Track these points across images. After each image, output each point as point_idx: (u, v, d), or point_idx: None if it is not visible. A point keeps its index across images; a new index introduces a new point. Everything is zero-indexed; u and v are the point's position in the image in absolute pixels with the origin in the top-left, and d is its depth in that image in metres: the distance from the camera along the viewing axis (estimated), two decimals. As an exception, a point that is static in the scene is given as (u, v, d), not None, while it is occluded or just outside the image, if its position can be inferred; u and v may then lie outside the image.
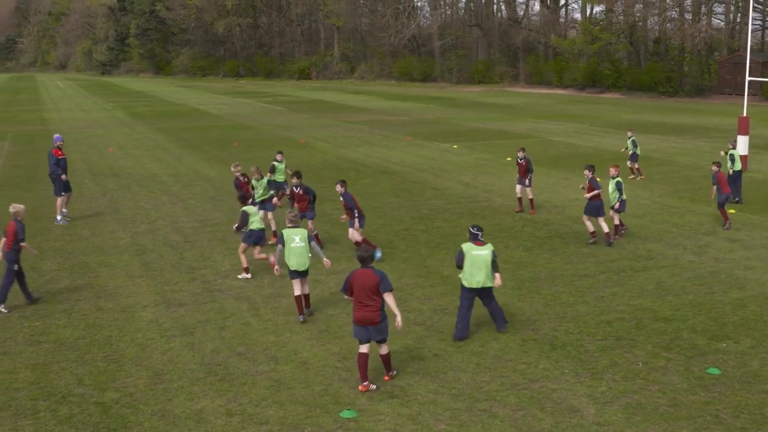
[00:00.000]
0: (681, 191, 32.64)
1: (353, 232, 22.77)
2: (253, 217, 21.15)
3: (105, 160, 44.30)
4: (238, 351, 15.99)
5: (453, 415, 13.08)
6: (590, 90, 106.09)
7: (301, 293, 17.87)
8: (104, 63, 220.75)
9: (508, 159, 41.53)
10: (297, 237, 17.66)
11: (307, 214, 23.83)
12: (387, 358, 14.53)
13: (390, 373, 14.56)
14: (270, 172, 28.16)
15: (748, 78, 39.72)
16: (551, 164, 40.40)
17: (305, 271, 17.86)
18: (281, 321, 17.72)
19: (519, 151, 29.19)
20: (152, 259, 23.07)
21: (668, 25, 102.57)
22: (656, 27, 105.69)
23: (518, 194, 29.26)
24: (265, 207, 24.96)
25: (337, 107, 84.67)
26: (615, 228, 24.85)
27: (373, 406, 13.44)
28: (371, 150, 47.43)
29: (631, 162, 36.34)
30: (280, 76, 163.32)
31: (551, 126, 61.53)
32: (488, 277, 16.43)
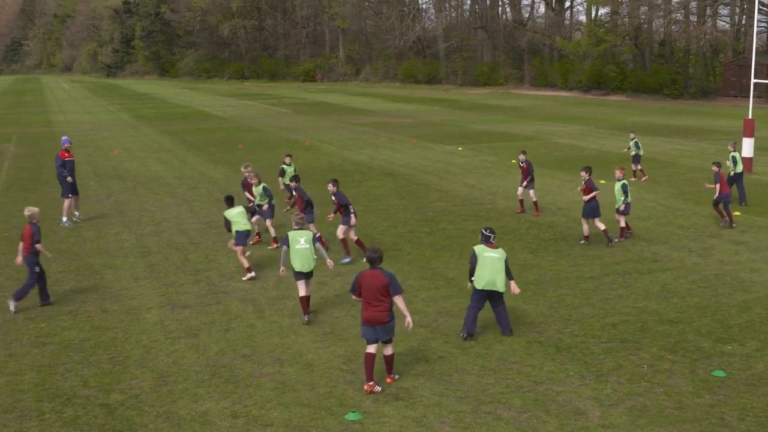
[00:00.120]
0: (686, 193, 32.60)
1: (345, 230, 22.88)
2: (235, 218, 21.36)
3: (110, 162, 44.35)
4: (243, 353, 16.00)
5: (458, 418, 13.08)
6: (595, 92, 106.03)
7: (305, 293, 17.93)
8: (109, 65, 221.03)
9: (513, 161, 41.50)
10: (302, 239, 17.79)
11: (306, 218, 23.87)
12: (391, 360, 14.53)
13: (392, 376, 14.57)
14: (279, 176, 28.33)
15: (754, 80, 39.68)
16: (556, 166, 40.36)
17: (310, 273, 17.94)
18: (286, 323, 17.72)
19: (520, 154, 29.23)
20: (157, 261, 23.09)
21: (673, 27, 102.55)
22: (661, 29, 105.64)
23: (519, 196, 29.39)
24: (262, 213, 24.88)
25: (342, 109, 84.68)
26: (621, 230, 24.84)
27: (378, 408, 13.44)
28: (376, 152, 47.43)
29: (634, 164, 36.35)
30: (285, 78, 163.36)
31: (556, 128, 61.49)
32: (499, 280, 16.47)
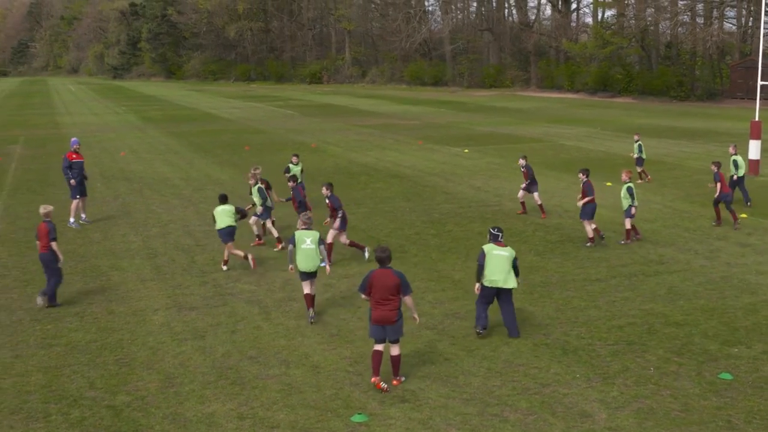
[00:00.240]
0: (692, 195, 32.54)
1: (335, 234, 22.96)
2: (219, 216, 22.09)
3: (117, 164, 44.41)
4: (250, 355, 16.01)
5: (464, 420, 13.07)
6: (601, 94, 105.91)
7: (310, 291, 18.10)
8: (116, 67, 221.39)
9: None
10: (308, 239, 17.93)
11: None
12: (397, 361, 14.55)
13: (399, 378, 14.57)
14: (285, 173, 28.46)
15: (760, 82, 39.58)
16: (562, 168, 40.32)
17: (314, 273, 18.05)
18: (292, 325, 17.73)
19: (520, 159, 29.34)
20: (163, 263, 23.11)
21: (680, 29, 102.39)
22: (668, 31, 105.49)
23: (520, 198, 29.50)
24: (260, 215, 25.01)
25: (348, 111, 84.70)
26: (627, 232, 24.88)
27: (384, 411, 13.44)
28: (382, 154, 47.45)
29: (638, 166, 36.35)
30: (292, 80, 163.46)
31: (562, 130, 61.44)
32: (508, 278, 16.58)
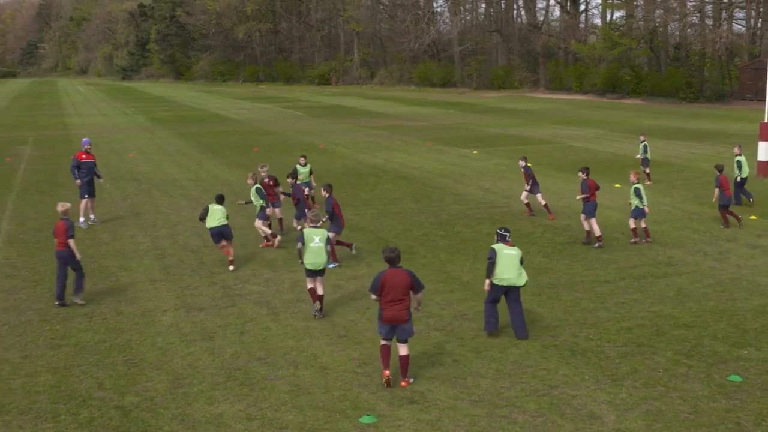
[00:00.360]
0: (702, 197, 32.45)
1: (333, 236, 23.07)
2: (212, 214, 22.35)
3: (125, 165, 44.48)
4: (258, 356, 16.01)
5: (473, 421, 13.05)
6: (610, 95, 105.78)
7: (314, 286, 18.32)
8: (125, 68, 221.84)
9: (529, 165, 41.36)
10: (317, 237, 18.11)
11: (295, 214, 25.81)
12: (406, 361, 14.55)
13: (407, 379, 14.57)
14: (290, 176, 28.53)
15: (770, 84, 39.49)
16: (571, 170, 40.20)
17: (321, 271, 18.18)
18: (301, 326, 17.73)
19: (520, 161, 29.49)
20: (172, 264, 23.14)
21: (689, 31, 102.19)
22: (677, 32, 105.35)
23: (524, 200, 29.54)
24: (258, 215, 25.13)
25: (357, 112, 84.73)
26: (633, 231, 25.05)
27: (393, 412, 13.43)
28: (391, 155, 47.44)
29: (643, 166, 36.32)
30: (300, 82, 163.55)
31: (571, 132, 61.37)
32: (518, 276, 16.69)
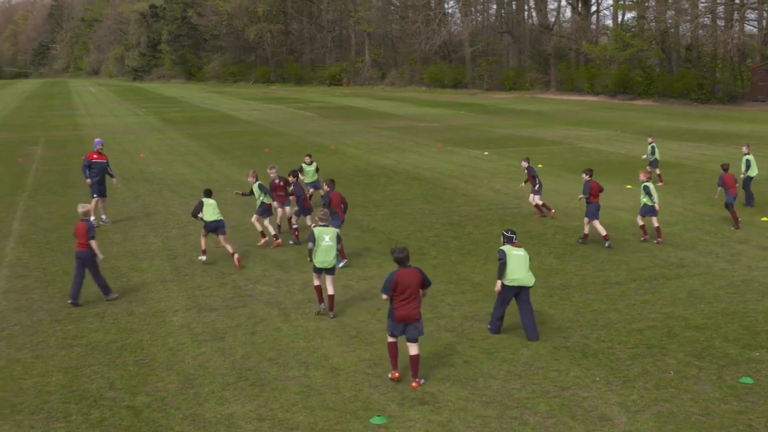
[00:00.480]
0: (713, 199, 32.30)
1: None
2: (207, 208, 22.91)
3: (137, 165, 44.57)
4: (269, 356, 16.02)
5: (484, 423, 13.04)
6: (622, 97, 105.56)
7: (321, 286, 18.49)
8: (136, 69, 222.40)
9: (539, 166, 41.37)
10: (327, 236, 18.22)
11: (295, 211, 25.96)
12: (416, 361, 14.57)
13: (418, 380, 14.57)
14: (299, 172, 28.83)
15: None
16: (582, 171, 40.14)
17: (331, 269, 18.28)
18: (312, 327, 17.74)
19: (523, 161, 29.71)
20: (183, 264, 23.18)
21: (700, 32, 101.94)
22: (688, 33, 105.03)
23: (532, 202, 29.58)
24: (257, 211, 25.40)
25: (368, 113, 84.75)
26: (642, 228, 25.33)
27: (404, 413, 13.43)
28: (402, 156, 47.44)
29: (651, 167, 36.27)
30: (311, 82, 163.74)
31: (582, 133, 61.28)
32: (527, 276, 16.75)
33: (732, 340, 16.63)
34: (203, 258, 23.26)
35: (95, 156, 29.16)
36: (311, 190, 30.36)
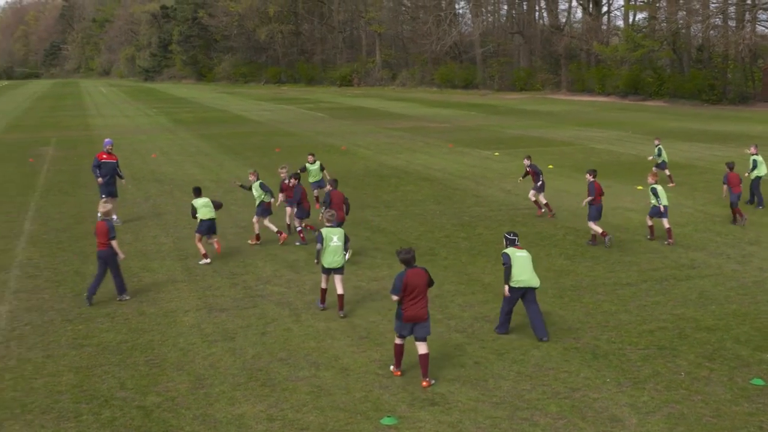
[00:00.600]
0: (724, 200, 32.26)
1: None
2: (201, 208, 23.03)
3: (148, 166, 44.67)
4: (279, 356, 16.04)
5: (494, 423, 13.03)
6: (633, 97, 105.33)
7: (327, 289, 18.69)
8: (147, 69, 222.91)
9: (550, 167, 41.31)
10: (335, 237, 18.30)
11: (297, 213, 25.92)
12: (426, 360, 14.57)
13: (428, 380, 14.56)
14: (301, 171, 28.90)
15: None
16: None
17: (339, 269, 18.39)
18: (322, 327, 17.75)
19: (525, 159, 30.02)
20: (194, 265, 23.20)
21: (712, 33, 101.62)
22: (699, 34, 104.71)
23: (531, 198, 29.78)
24: (256, 212, 25.42)
25: (379, 114, 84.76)
26: (650, 229, 25.56)
27: (414, 413, 13.42)
28: (413, 157, 47.43)
29: (660, 168, 36.20)
30: (322, 83, 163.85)
31: (593, 133, 61.17)
32: (532, 278, 16.77)
33: (743, 342, 16.59)
34: (207, 261, 23.23)
35: (105, 156, 29.24)
36: (315, 191, 30.40)
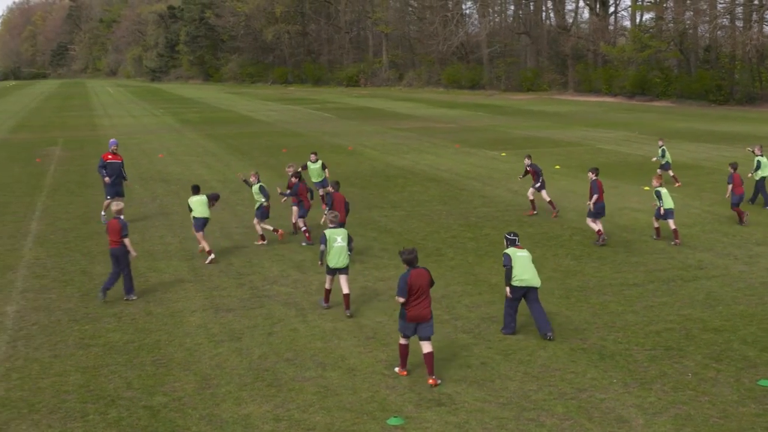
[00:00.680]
0: (727, 200, 32.17)
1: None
2: (194, 206, 23.37)
3: (154, 166, 44.72)
4: (286, 357, 16.04)
5: (500, 424, 13.02)
6: (640, 98, 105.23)
7: (331, 288, 18.84)
8: (154, 69, 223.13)
9: (557, 167, 41.29)
10: (339, 237, 18.39)
11: (298, 212, 26.20)
12: (431, 358, 14.59)
13: (434, 378, 14.57)
14: (303, 169, 29.01)
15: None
16: (600, 173, 40.03)
17: (345, 269, 18.45)
18: (329, 327, 17.75)
19: (525, 159, 30.26)
20: (201, 265, 23.22)
21: (719, 33, 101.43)
22: (707, 34, 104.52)
23: (530, 196, 29.97)
24: (256, 214, 25.53)
25: (385, 114, 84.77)
26: (656, 230, 25.73)
27: (420, 414, 13.42)
28: (419, 157, 47.42)
29: (663, 169, 36.14)
30: (329, 83, 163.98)
31: (600, 134, 61.12)
32: (534, 277, 16.81)
33: (750, 343, 16.56)
34: (212, 257, 23.33)
35: (110, 156, 29.27)
36: (321, 191, 30.41)
